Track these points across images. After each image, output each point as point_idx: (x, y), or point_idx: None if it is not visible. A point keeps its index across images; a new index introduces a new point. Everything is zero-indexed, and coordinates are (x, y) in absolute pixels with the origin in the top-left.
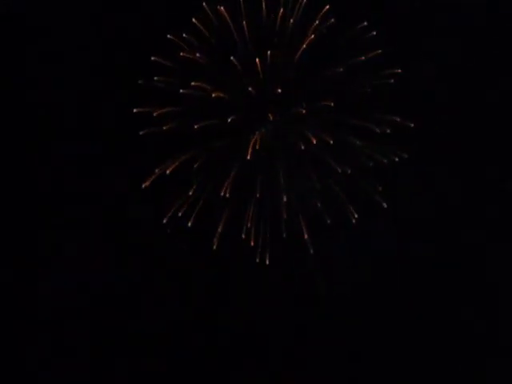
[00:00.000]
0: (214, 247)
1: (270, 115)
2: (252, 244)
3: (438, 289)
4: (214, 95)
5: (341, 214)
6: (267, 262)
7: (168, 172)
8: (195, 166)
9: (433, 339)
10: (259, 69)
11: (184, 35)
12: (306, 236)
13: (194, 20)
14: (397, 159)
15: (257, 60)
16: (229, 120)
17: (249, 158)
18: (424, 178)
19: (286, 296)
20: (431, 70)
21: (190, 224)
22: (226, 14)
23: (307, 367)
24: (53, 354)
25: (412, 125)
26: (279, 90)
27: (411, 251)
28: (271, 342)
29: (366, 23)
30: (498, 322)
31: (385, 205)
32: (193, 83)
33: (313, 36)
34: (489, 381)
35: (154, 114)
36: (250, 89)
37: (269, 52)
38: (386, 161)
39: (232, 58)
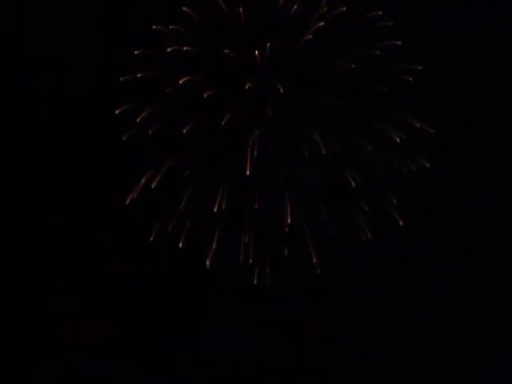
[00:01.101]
0: (208, 266)
1: (269, 115)
2: (250, 261)
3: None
4: (205, 95)
5: (350, 229)
6: (267, 283)
7: (154, 185)
8: (185, 174)
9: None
10: (258, 62)
11: (171, 27)
12: (314, 260)
13: (184, 8)
14: (413, 168)
15: (256, 53)
16: (223, 123)
17: (248, 173)
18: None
19: (287, 317)
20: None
21: (181, 244)
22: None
23: None
24: None
25: (433, 131)
26: (280, 88)
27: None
28: (271, 367)
29: (381, 12)
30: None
31: (401, 222)
32: (181, 81)
33: (319, 25)
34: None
35: (137, 120)
36: (246, 86)
37: (268, 44)
38: (405, 170)
39: (226, 50)
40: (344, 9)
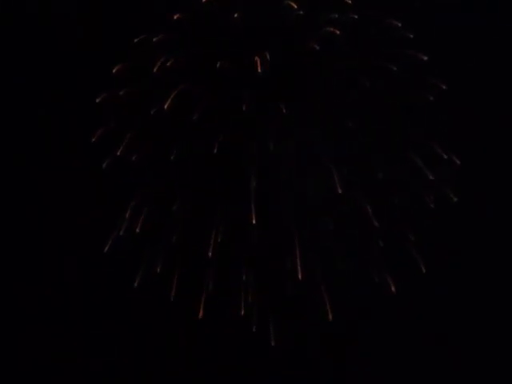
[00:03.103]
0: (200, 316)
1: (270, 140)
2: (250, 299)
3: None
4: (195, 116)
5: (365, 270)
6: (272, 343)
7: (138, 229)
8: (174, 207)
9: None
10: (256, 75)
11: (155, 39)
12: (330, 317)
13: (176, 17)
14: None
15: (257, 61)
16: (215, 150)
17: (254, 222)
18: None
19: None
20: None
21: (172, 295)
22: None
23: None
24: None
25: (458, 162)
26: (283, 108)
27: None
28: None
29: (400, 24)
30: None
31: (423, 269)
32: (166, 106)
33: (327, 30)
34: None
35: (118, 153)
36: (243, 106)
37: (268, 54)
38: (432, 205)
39: (221, 61)
40: (356, 17)
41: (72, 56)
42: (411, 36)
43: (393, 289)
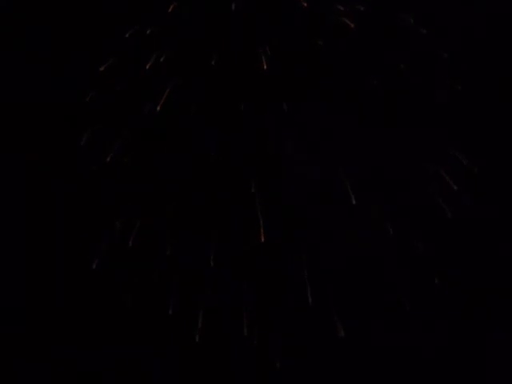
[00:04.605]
0: (197, 339)
1: (270, 143)
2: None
3: None
4: (191, 116)
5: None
6: (277, 365)
7: (131, 243)
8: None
9: None
10: (258, 73)
11: (147, 32)
12: (342, 333)
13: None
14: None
15: (261, 57)
16: (212, 153)
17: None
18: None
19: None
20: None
21: (170, 311)
22: None
23: None
24: None
25: (476, 169)
26: (284, 108)
27: None
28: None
29: (412, 21)
30: None
31: (436, 280)
32: (158, 108)
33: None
34: None
35: (108, 159)
36: (242, 108)
37: (268, 50)
38: (449, 215)
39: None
40: (362, 8)
41: (59, 52)
42: (424, 31)
43: (407, 308)
